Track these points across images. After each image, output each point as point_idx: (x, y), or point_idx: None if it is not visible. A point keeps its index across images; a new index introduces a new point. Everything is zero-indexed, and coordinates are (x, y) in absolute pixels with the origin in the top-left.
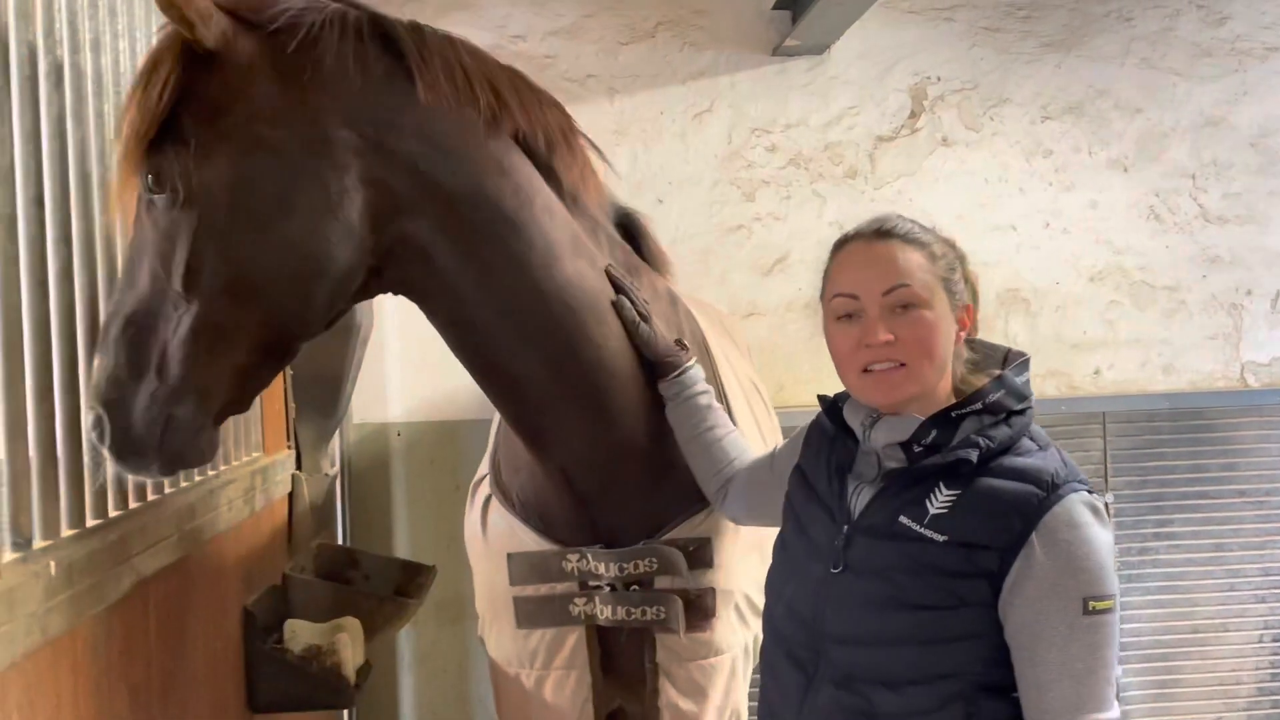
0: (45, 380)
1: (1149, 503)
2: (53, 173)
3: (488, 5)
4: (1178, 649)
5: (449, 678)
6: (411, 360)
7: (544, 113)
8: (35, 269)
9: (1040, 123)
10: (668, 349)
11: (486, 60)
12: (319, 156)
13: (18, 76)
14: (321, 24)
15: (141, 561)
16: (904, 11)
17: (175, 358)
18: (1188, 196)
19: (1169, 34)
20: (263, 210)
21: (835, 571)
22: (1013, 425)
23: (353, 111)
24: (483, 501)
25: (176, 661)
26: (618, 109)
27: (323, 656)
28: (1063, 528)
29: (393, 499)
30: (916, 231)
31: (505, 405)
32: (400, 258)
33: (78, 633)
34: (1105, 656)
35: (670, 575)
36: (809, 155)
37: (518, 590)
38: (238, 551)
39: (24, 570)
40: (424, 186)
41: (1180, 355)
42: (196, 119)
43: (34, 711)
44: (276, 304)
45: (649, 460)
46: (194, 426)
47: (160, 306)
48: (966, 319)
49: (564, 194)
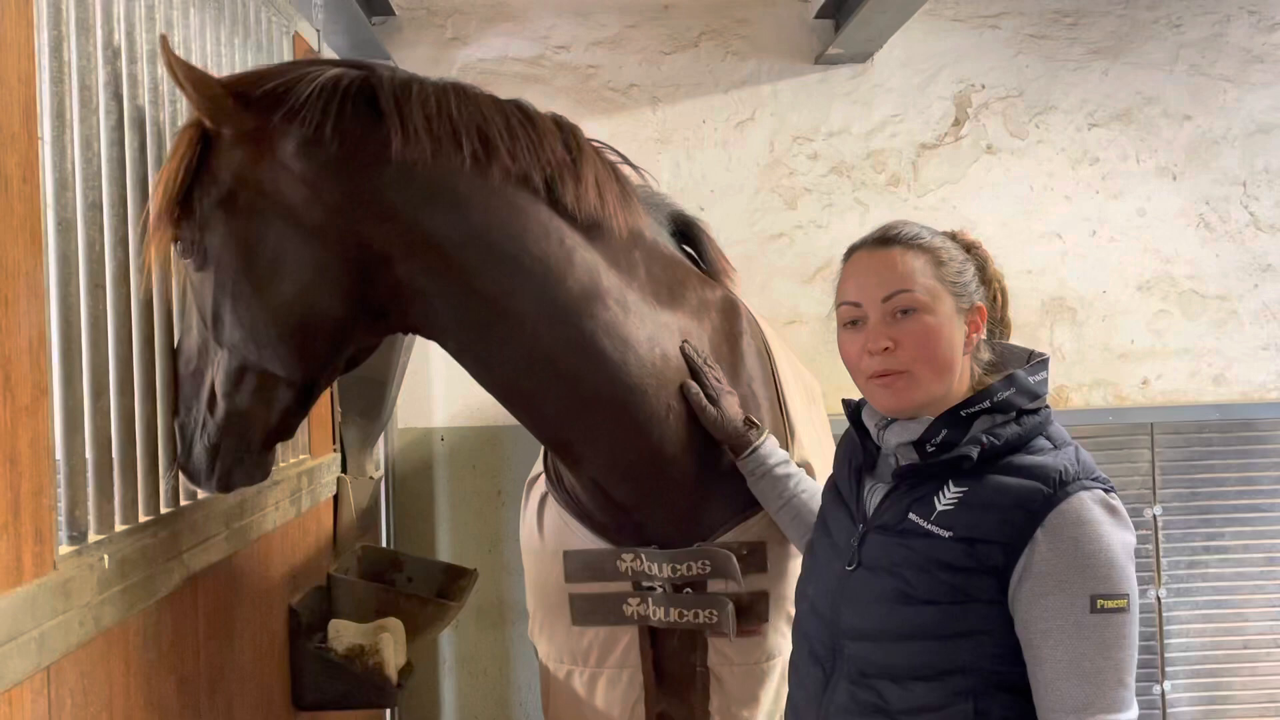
0: (101, 379)
1: (1198, 515)
2: (111, 179)
3: (532, 17)
4: (1228, 664)
5: (490, 681)
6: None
7: (541, 150)
8: (93, 271)
9: (1087, 130)
10: (735, 431)
11: (481, 105)
12: (303, 221)
13: (77, 86)
14: (310, 94)
15: (191, 558)
16: (948, 19)
17: (217, 395)
18: (1238, 204)
19: (1219, 40)
20: (259, 273)
21: (850, 569)
22: (1023, 424)
23: (332, 175)
24: (538, 500)
25: (224, 656)
26: (660, 118)
27: (366, 656)
28: (1070, 524)
29: (436, 503)
30: (922, 236)
31: (528, 423)
32: (400, 301)
33: (129, 624)
34: (1117, 657)
35: (723, 578)
36: (851, 163)
37: (574, 587)
38: (284, 551)
39: (79, 562)
40: (407, 236)
41: (1231, 365)
42: (204, 193)
43: (87, 700)
44: (286, 354)
45: (686, 467)
46: (240, 454)
47: (205, 350)
48: (979, 321)
49: (578, 224)
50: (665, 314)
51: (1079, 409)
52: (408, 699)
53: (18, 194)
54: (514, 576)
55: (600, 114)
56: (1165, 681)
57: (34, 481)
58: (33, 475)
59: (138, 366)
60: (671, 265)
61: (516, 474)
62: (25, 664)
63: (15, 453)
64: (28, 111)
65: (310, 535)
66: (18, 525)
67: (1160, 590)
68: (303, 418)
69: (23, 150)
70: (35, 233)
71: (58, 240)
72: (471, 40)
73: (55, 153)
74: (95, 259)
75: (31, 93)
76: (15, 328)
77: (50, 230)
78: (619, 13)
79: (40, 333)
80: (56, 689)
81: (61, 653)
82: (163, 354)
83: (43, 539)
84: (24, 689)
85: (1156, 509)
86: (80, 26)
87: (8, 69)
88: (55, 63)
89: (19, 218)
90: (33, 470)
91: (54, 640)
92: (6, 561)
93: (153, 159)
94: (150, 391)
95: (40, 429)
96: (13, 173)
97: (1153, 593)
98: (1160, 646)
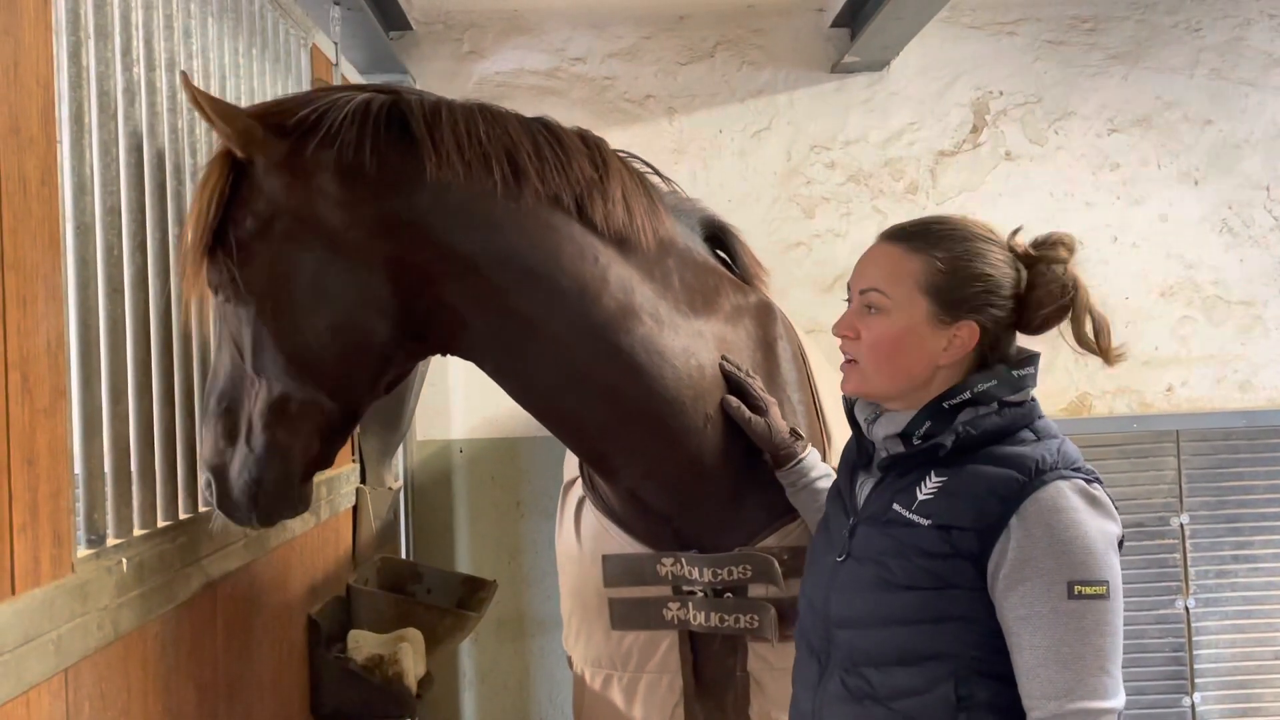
0: (120, 382)
1: (1226, 524)
2: (129, 184)
3: (549, 29)
4: (1257, 675)
5: (510, 694)
6: (474, 378)
7: (568, 170)
8: (111, 275)
9: (1106, 136)
10: (782, 442)
11: (509, 127)
12: (343, 245)
13: (96, 92)
14: (342, 120)
15: (210, 564)
16: (965, 26)
17: (257, 429)
18: (1262, 209)
19: (1239, 44)
20: (301, 300)
21: (840, 560)
22: (1004, 415)
23: (371, 199)
24: (575, 504)
25: (243, 665)
26: (677, 128)
27: (385, 666)
28: (1045, 511)
29: (455, 514)
30: (935, 238)
31: (564, 439)
32: (438, 323)
33: (148, 630)
34: (1097, 644)
35: (765, 583)
36: (869, 171)
37: (613, 592)
38: (303, 561)
39: (97, 566)
40: (446, 258)
41: (1258, 372)
42: (237, 224)
43: (105, 704)
44: (330, 379)
45: (724, 475)
46: (281, 486)
47: (241, 383)
48: (968, 336)
49: (608, 239)
50: (699, 322)
51: (1103, 416)
52: (427, 711)
53: (36, 196)
54: (533, 589)
55: (617, 125)
56: (1195, 693)
57: (52, 483)
58: (51, 477)
59: (156, 372)
60: (704, 272)
61: (535, 486)
62: (43, 666)
63: (34, 454)
64: (46, 115)
65: (329, 545)
66: (36, 526)
67: (1189, 600)
68: (342, 445)
69: (41, 153)
70: (54, 235)
71: (76, 244)
72: (488, 53)
73: (74, 157)
74: (113, 263)
75: (50, 97)
76: (33, 328)
77: (69, 234)
78: (634, 24)
79: (58, 335)
80: (74, 692)
81: (79, 655)
82: (181, 361)
83: (61, 541)
84: (42, 691)
85: (1184, 518)
86: (99, 33)
87: (26, 72)
88: (74, 68)
89: (37, 220)
90: (51, 472)
91: (71, 643)
92: (25, 562)
93: (170, 166)
94: (169, 397)
95: (58, 431)
96: (31, 175)
97: (1181, 603)
98: (1190, 657)
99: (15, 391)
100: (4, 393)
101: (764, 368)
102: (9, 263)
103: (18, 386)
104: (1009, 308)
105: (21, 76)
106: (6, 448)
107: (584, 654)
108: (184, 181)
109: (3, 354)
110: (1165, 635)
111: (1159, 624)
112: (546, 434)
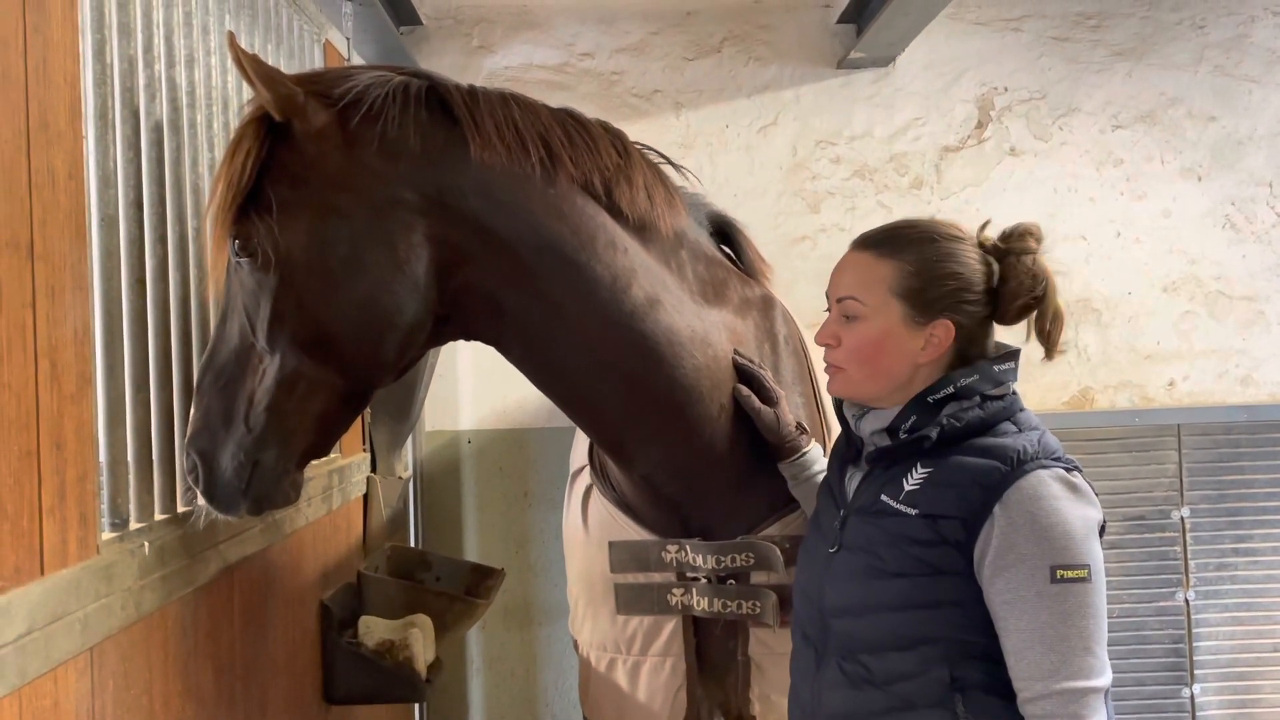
0: (142, 372)
1: (1226, 517)
2: (150, 178)
3: (557, 25)
4: (1257, 668)
5: (517, 681)
6: (482, 370)
7: (598, 155)
8: (134, 267)
9: (1111, 132)
10: (789, 435)
11: (540, 114)
12: (385, 218)
13: (119, 88)
14: (385, 97)
15: (228, 549)
16: (970, 23)
17: (260, 407)
18: (1265, 205)
19: (1244, 40)
20: (336, 270)
21: (833, 551)
22: (986, 408)
23: (414, 175)
24: (582, 492)
25: (258, 648)
26: (683, 123)
27: (395, 651)
28: (1026, 499)
29: (463, 504)
30: (902, 242)
31: (585, 426)
32: (467, 306)
33: (168, 611)
34: (1081, 625)
35: (766, 570)
36: (874, 167)
37: (619, 577)
38: (315, 547)
39: (120, 548)
40: (484, 238)
41: (1259, 366)
42: (277, 187)
43: (128, 683)
44: (351, 355)
45: (734, 464)
46: (278, 472)
47: (247, 360)
48: (944, 334)
49: (631, 227)
50: (713, 312)
51: (1105, 410)
52: (435, 699)
53: (64, 189)
54: (541, 578)
55: (624, 120)
56: (1195, 685)
57: (79, 468)
58: (77, 461)
59: (176, 362)
60: (713, 264)
61: (543, 476)
62: (70, 644)
63: (61, 439)
64: (73, 111)
65: (341, 533)
66: (63, 509)
67: (1189, 593)
68: (342, 434)
69: (69, 147)
70: (80, 227)
71: (101, 236)
72: (497, 48)
73: (99, 151)
74: (136, 255)
75: (77, 93)
76: (62, 318)
77: (94, 226)
78: (642, 20)
79: (85, 324)
80: (99, 670)
81: (104, 634)
82: (200, 352)
83: (87, 524)
84: (69, 668)
85: (1184, 511)
86: (122, 31)
87: (54, 70)
88: (99, 65)
89: (64, 212)
90: (78, 457)
91: (97, 622)
92: (54, 543)
93: (189, 161)
94: (189, 387)
95: (85, 417)
96: (59, 169)
97: (1181, 595)
98: (1189, 649)
99: (45, 379)
100: (34, 379)
101: (770, 360)
102: (39, 253)
103: (47, 374)
104: (983, 302)
105: (50, 74)
106: (37, 432)
107: (590, 637)
108: (203, 175)
109: (33, 342)
110: (1165, 627)
111: (1159, 616)
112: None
